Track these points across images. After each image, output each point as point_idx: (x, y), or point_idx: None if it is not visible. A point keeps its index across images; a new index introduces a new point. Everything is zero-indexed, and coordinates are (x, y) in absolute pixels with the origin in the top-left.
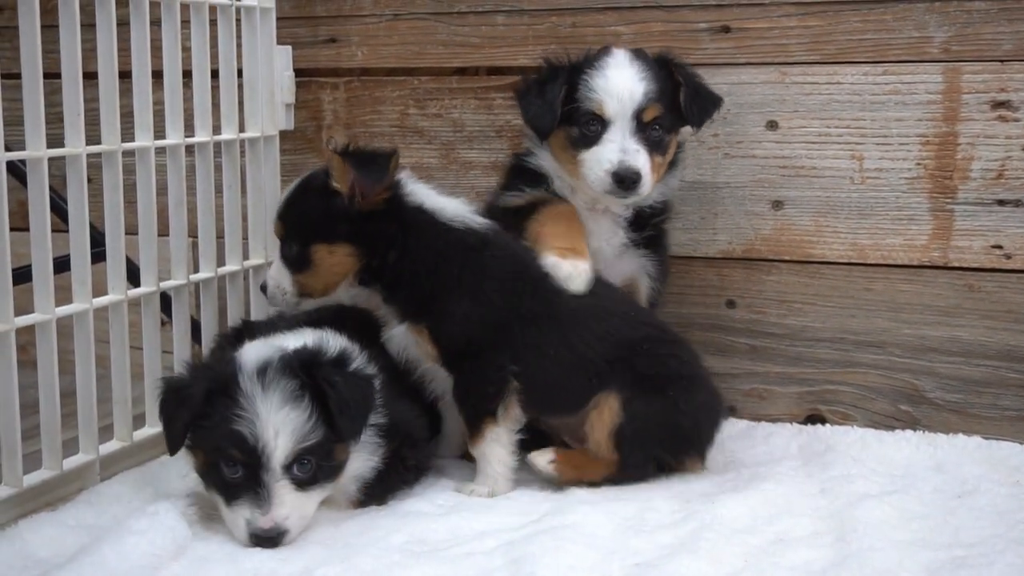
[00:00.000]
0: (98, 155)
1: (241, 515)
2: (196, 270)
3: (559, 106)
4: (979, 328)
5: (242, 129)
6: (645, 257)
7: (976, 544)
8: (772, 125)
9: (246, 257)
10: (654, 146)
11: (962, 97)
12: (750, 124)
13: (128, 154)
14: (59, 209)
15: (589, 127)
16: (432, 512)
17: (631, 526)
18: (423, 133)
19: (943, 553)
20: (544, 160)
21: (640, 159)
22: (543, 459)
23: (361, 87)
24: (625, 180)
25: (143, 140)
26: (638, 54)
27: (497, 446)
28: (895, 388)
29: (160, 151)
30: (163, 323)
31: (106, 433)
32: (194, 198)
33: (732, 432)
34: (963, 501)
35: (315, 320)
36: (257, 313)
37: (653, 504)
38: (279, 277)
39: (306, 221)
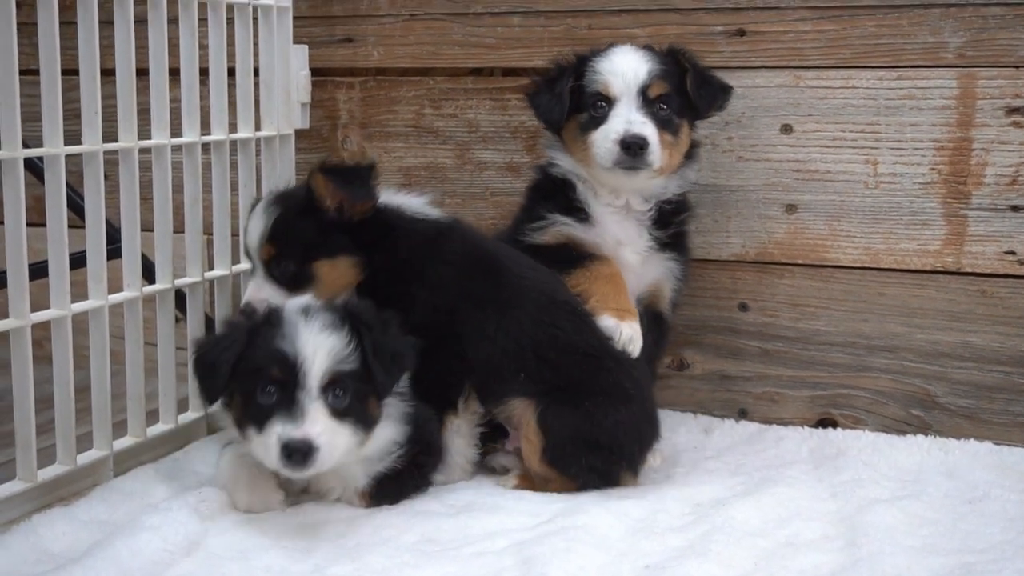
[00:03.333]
0: (115, 152)
1: (274, 431)
2: (211, 267)
3: (568, 96)
4: (991, 334)
5: (258, 128)
6: (670, 260)
7: (986, 550)
8: (786, 129)
9: None
10: (662, 123)
11: (977, 103)
12: (764, 128)
13: (144, 151)
14: (75, 205)
15: (597, 108)
16: (443, 512)
17: (642, 528)
18: (438, 133)
19: (952, 559)
20: (563, 162)
21: (647, 129)
22: (508, 484)
23: (377, 87)
24: (631, 146)
25: (160, 138)
26: (645, 46)
27: (457, 437)
28: (907, 393)
29: (176, 149)
30: (177, 320)
31: (120, 429)
32: (210, 196)
33: (743, 435)
34: (973, 507)
35: None
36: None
37: (664, 506)
38: (273, 298)
39: (302, 239)
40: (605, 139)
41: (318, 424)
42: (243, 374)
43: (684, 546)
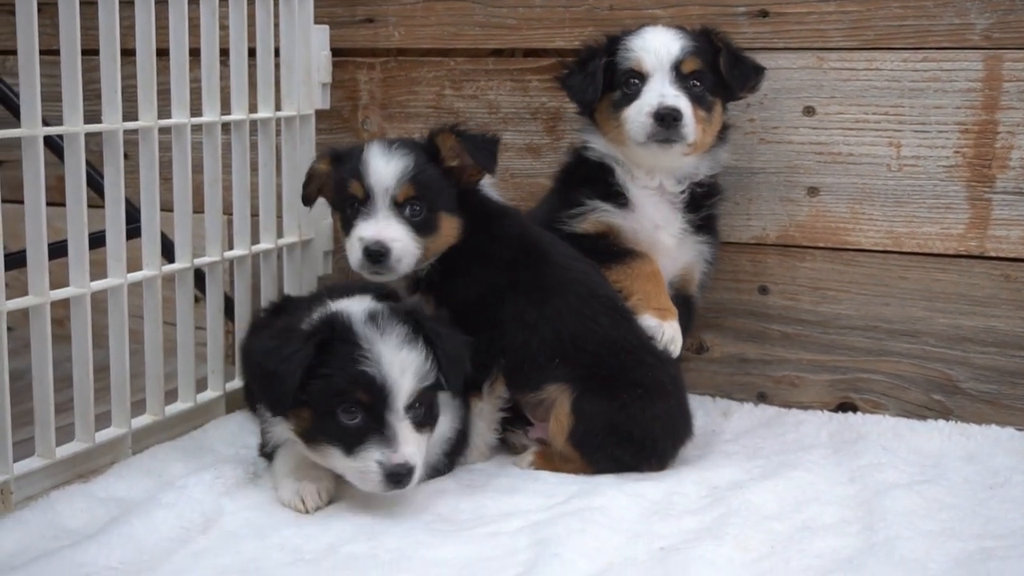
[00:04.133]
0: (135, 132)
1: (371, 458)
2: (230, 247)
3: (601, 75)
4: (1015, 319)
5: (278, 108)
6: (702, 243)
7: (1006, 535)
8: (809, 111)
9: (280, 235)
10: (696, 98)
11: (1003, 85)
12: (787, 110)
13: (164, 131)
14: (95, 184)
15: (630, 84)
16: (458, 491)
17: (657, 510)
18: (458, 114)
19: (972, 544)
20: (598, 144)
21: (681, 101)
22: (524, 462)
23: (397, 67)
24: (665, 118)
25: (179, 117)
26: (677, 26)
27: (479, 420)
28: (928, 378)
29: (196, 129)
30: (196, 300)
31: (139, 408)
32: (229, 176)
33: (762, 419)
34: (994, 492)
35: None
36: (291, 290)
37: (681, 488)
38: (405, 239)
39: (436, 188)
40: (639, 113)
41: (410, 443)
42: (320, 392)
43: (700, 528)
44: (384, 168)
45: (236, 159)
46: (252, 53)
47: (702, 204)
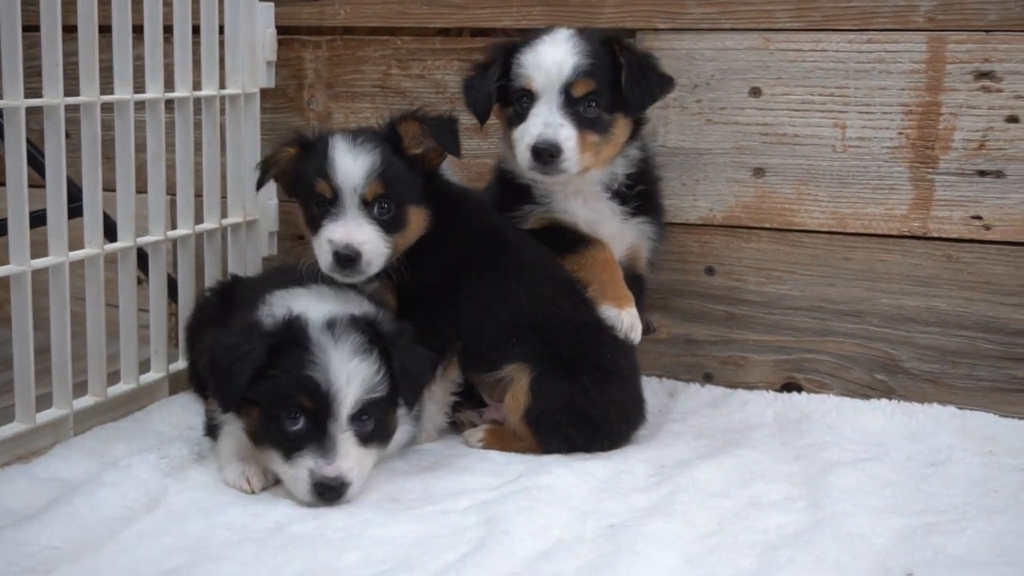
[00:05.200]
0: (76, 108)
1: (304, 465)
2: (174, 227)
3: (494, 88)
4: (956, 299)
5: (223, 86)
6: (642, 224)
7: (948, 511)
8: (755, 92)
9: (224, 215)
10: (587, 123)
11: (946, 67)
12: (733, 90)
13: (107, 110)
14: (36, 163)
15: (521, 104)
16: (406, 471)
17: (606, 488)
18: (405, 94)
19: (915, 519)
20: (511, 158)
21: (562, 133)
22: (474, 437)
23: (344, 46)
24: (542, 154)
25: (122, 93)
26: (581, 32)
27: (431, 403)
28: (871, 357)
29: (140, 107)
30: (140, 281)
31: (81, 390)
32: (173, 156)
33: (708, 399)
34: (936, 469)
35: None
36: (236, 271)
37: (629, 467)
38: (376, 240)
39: (403, 182)
40: (522, 141)
41: (350, 457)
42: (267, 393)
43: (648, 506)
44: (351, 166)
45: (180, 137)
46: (196, 31)
47: (631, 195)
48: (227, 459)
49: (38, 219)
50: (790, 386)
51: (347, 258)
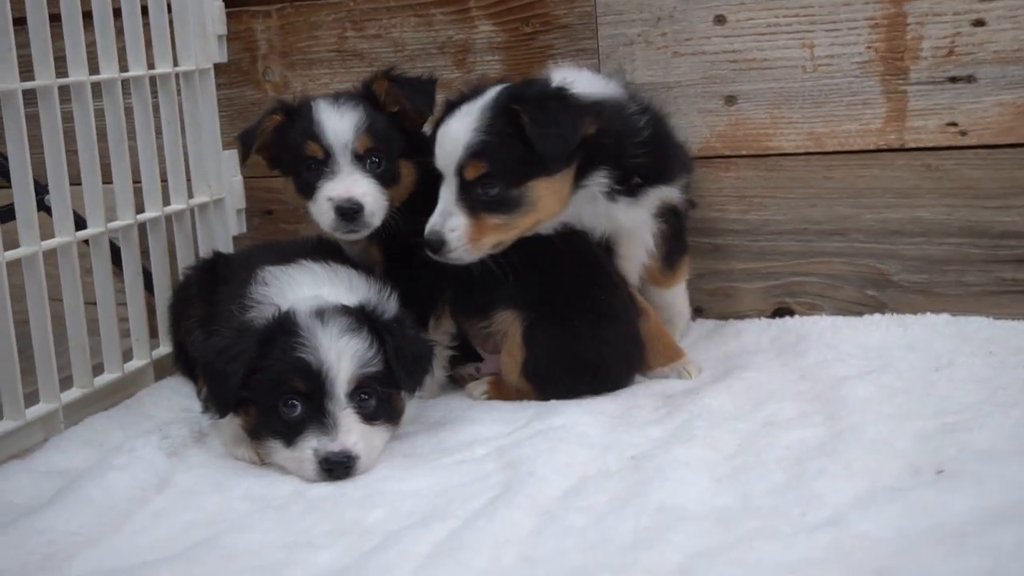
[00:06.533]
0: (34, 99)
1: (307, 446)
2: (141, 211)
3: None
4: (939, 207)
5: (176, 63)
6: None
7: (962, 411)
8: (720, 20)
9: (191, 196)
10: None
11: None
12: (697, 20)
13: (64, 93)
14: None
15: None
16: (415, 429)
17: (619, 424)
18: (363, 56)
19: (932, 422)
20: None
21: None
22: (478, 390)
23: (295, 13)
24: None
25: (78, 75)
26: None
27: None
28: (860, 274)
29: (97, 93)
30: (114, 274)
31: (66, 384)
32: (134, 141)
33: (702, 332)
34: (942, 374)
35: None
36: (206, 251)
37: (637, 402)
38: (375, 192)
39: (389, 135)
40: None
41: (352, 432)
42: (260, 386)
43: (666, 436)
44: (339, 123)
45: (139, 119)
46: (145, 12)
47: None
48: (233, 435)
49: (5, 214)
50: (782, 311)
51: (351, 211)
